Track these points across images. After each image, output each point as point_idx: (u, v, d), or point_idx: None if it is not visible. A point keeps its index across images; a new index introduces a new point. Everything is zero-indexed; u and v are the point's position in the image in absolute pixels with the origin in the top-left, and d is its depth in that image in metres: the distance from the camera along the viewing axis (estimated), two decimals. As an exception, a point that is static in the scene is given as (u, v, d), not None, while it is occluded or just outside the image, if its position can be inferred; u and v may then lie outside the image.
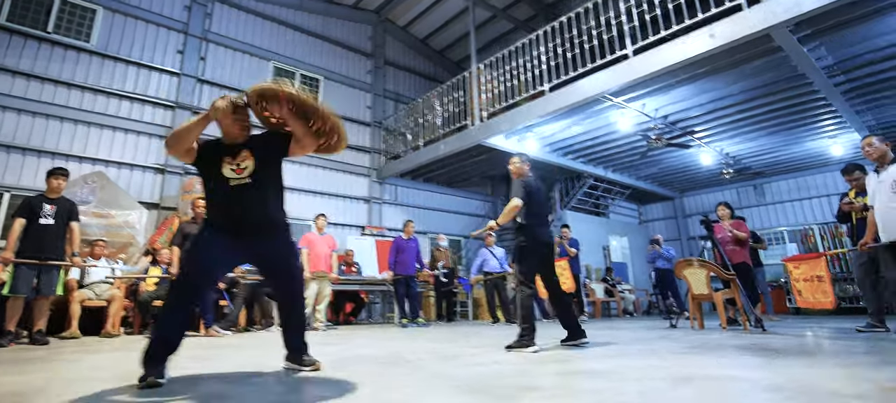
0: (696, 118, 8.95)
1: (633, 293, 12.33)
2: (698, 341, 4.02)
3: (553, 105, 7.94)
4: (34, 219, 4.82)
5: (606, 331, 5.57)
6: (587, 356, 3.10)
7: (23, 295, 4.68)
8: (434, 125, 10.09)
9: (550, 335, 4.77)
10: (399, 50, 12.60)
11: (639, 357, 2.99)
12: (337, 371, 2.53)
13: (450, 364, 2.77)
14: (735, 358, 2.83)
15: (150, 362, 2.19)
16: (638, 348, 3.55)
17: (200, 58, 8.96)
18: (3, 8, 7.18)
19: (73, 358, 3.37)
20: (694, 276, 5.86)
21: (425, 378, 2.29)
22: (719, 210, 6.56)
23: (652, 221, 15.39)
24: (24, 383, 2.25)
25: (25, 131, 7.10)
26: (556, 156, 10.53)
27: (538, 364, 2.76)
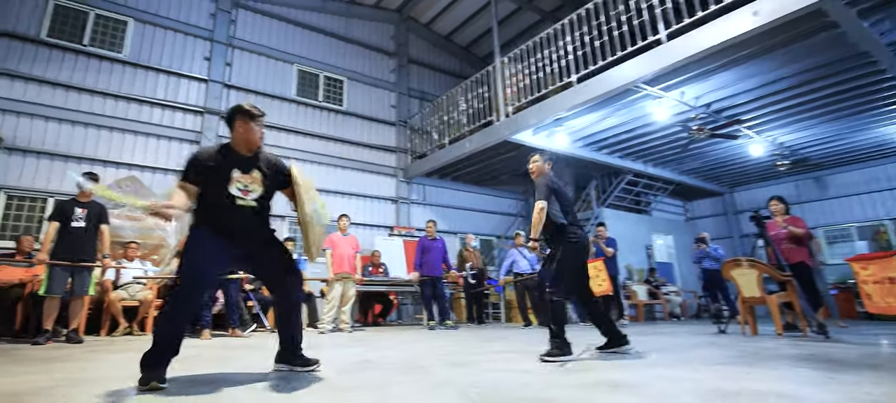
0: (742, 105, 8.33)
1: (679, 295, 11.61)
2: (748, 349, 3.69)
3: (581, 97, 7.56)
4: (67, 223, 5.01)
5: (646, 337, 5.22)
6: (617, 365, 2.87)
7: (58, 296, 4.85)
8: (459, 122, 9.86)
9: (588, 340, 4.52)
10: (423, 47, 12.49)
11: (675, 366, 2.76)
12: (342, 377, 2.51)
13: (463, 371, 2.65)
14: (787, 370, 2.54)
15: (151, 365, 2.19)
16: (676, 356, 3.29)
17: (226, 64, 9.17)
18: (43, 24, 7.59)
19: (96, 358, 3.43)
20: (744, 278, 5.41)
21: (430, 386, 2.19)
22: (772, 205, 6.06)
23: (699, 218, 14.53)
24: (32, 382, 2.29)
25: (65, 139, 7.46)
26: (590, 150, 10.06)
27: (560, 373, 2.57)
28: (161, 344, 2.26)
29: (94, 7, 8.04)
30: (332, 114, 10.42)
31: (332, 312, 6.78)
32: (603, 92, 7.26)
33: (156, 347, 2.25)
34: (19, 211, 7.00)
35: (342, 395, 2.05)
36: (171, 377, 2.31)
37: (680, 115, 8.57)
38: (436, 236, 7.90)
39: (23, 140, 7.14)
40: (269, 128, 9.32)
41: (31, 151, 7.17)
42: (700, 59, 6.24)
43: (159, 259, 7.09)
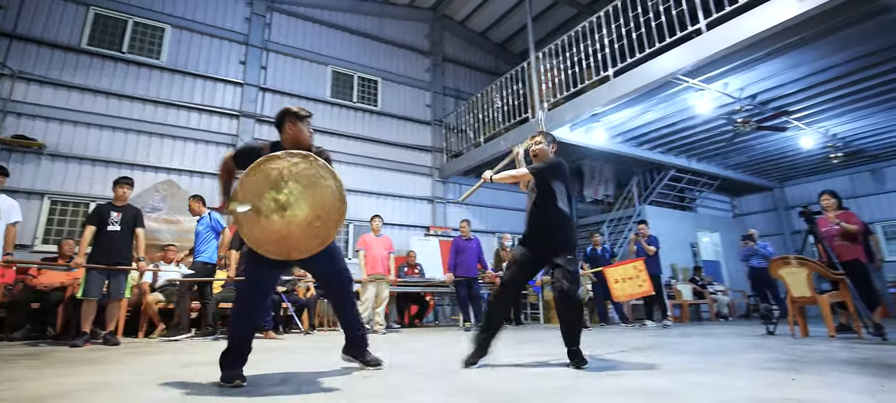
0: (790, 96, 8.16)
1: (726, 294, 11.41)
2: (795, 352, 3.53)
3: (618, 91, 7.55)
4: (103, 227, 5.14)
5: (688, 339, 5.09)
6: (652, 371, 2.74)
7: (95, 298, 5.00)
8: (495, 120, 9.97)
9: (627, 344, 4.50)
10: (458, 45, 12.61)
11: (711, 371, 2.64)
12: (362, 381, 2.48)
13: (489, 376, 2.62)
14: (835, 376, 2.40)
15: (230, 363, 2.37)
16: (715, 360, 3.15)
17: (261, 67, 9.50)
18: (83, 34, 8.05)
19: (124, 361, 3.50)
20: (792, 277, 5.28)
21: (450, 392, 2.15)
22: (823, 200, 5.87)
23: (748, 215, 14.23)
24: (54, 385, 2.35)
25: (106, 144, 7.88)
26: (630, 146, 10.01)
27: (587, 378, 2.50)
28: (239, 342, 2.46)
29: (133, 15, 8.47)
30: (367, 114, 10.65)
31: (366, 313, 6.94)
32: (641, 85, 7.21)
33: (234, 345, 2.44)
34: (62, 216, 7.41)
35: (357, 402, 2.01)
36: (192, 381, 2.44)
37: (724, 108, 8.46)
38: (470, 236, 7.93)
39: (65, 146, 7.58)
40: (304, 131, 9.73)
41: (73, 157, 7.60)
42: (742, 48, 6.11)
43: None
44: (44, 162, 7.44)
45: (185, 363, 3.34)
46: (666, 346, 4.28)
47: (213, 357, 2.44)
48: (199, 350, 4.31)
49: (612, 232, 11.38)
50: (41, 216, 7.31)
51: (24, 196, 7.22)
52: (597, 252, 8.75)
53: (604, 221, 11.68)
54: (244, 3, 9.68)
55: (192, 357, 3.67)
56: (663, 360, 3.21)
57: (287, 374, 2.74)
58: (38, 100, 7.57)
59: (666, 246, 11.03)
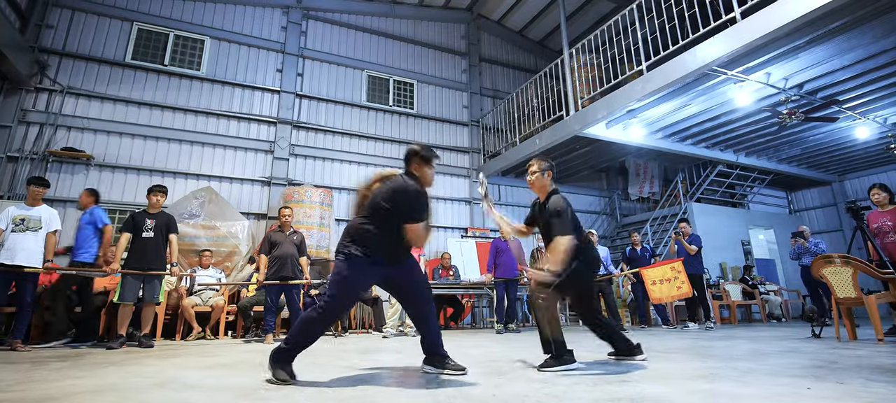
0: (840, 84, 8.17)
1: (779, 295, 11.39)
2: (831, 357, 3.45)
3: (652, 85, 7.71)
4: (138, 233, 5.56)
5: (725, 342, 5.08)
6: (657, 377, 2.74)
7: (130, 302, 5.39)
8: (532, 118, 10.33)
9: (657, 347, 4.60)
10: (495, 45, 13.02)
11: (724, 378, 2.62)
12: (338, 390, 2.50)
13: (485, 383, 2.66)
14: (856, 386, 2.32)
15: (285, 362, 2.72)
16: (737, 366, 3.10)
17: (298, 74, 10.17)
18: (128, 49, 8.90)
19: (149, 363, 3.70)
20: (836, 276, 5.19)
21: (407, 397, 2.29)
22: (873, 193, 5.85)
23: (805, 210, 14.13)
24: (66, 387, 2.56)
25: (150, 154, 8.63)
26: (671, 142, 10.19)
27: (585, 383, 2.58)
28: (299, 348, 2.79)
29: (174, 29, 9.27)
30: (404, 117, 11.19)
31: (395, 317, 7.33)
32: (675, 78, 7.28)
33: (294, 349, 2.77)
34: (120, 224, 8.12)
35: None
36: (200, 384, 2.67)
37: (768, 99, 8.53)
38: (510, 237, 8.19)
39: (111, 157, 8.36)
40: (340, 135, 10.33)
41: (119, 167, 8.36)
42: (781, 36, 6.14)
43: (232, 266, 7.91)
44: (92, 172, 8.21)
45: (214, 364, 3.59)
46: (695, 350, 4.29)
47: (237, 359, 2.74)
48: (221, 353, 4.56)
49: (657, 231, 11.57)
50: (91, 223, 8.10)
51: (74, 205, 7.85)
52: (636, 252, 8.91)
53: (647, 220, 11.88)
54: (280, 12, 10.38)
55: (220, 360, 3.90)
56: (680, 365, 3.23)
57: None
58: (86, 114, 8.37)
59: (714, 245, 11.18)
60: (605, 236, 12.82)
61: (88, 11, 8.78)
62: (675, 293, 7.81)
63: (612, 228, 13.06)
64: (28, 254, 5.17)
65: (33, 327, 5.88)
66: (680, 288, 7.75)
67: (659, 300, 8.06)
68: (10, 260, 5.07)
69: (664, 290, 7.91)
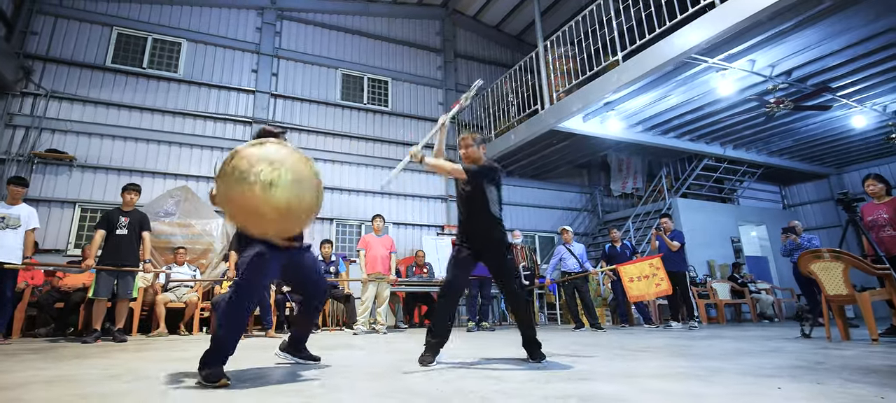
0: (832, 70, 6.92)
1: (771, 293, 9.97)
2: (815, 358, 2.94)
3: (629, 75, 6.68)
4: (112, 230, 5.21)
5: (704, 342, 4.36)
6: (616, 375, 2.38)
7: (104, 298, 5.09)
8: (507, 114, 9.23)
9: (628, 345, 3.96)
10: (471, 41, 11.90)
11: (691, 377, 2.28)
12: (299, 379, 2.41)
13: (434, 377, 2.40)
14: (833, 387, 1.96)
15: (215, 362, 2.27)
16: (707, 365, 2.68)
17: (272, 74, 9.28)
18: (108, 52, 8.20)
19: (115, 357, 3.47)
20: (826, 272, 4.47)
21: (378, 393, 2.00)
22: (868, 185, 4.99)
23: (801, 205, 12.52)
24: (24, 378, 2.42)
25: (129, 155, 7.95)
26: (653, 135, 8.94)
27: (539, 381, 2.24)
28: (229, 342, 2.39)
29: (152, 32, 8.53)
30: (378, 115, 10.23)
31: (366, 313, 6.56)
32: (652, 68, 6.35)
33: (222, 345, 2.35)
34: (92, 222, 7.48)
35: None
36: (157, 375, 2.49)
37: (753, 88, 7.31)
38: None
39: (93, 158, 7.70)
40: (314, 133, 9.43)
41: (100, 167, 7.70)
42: (765, 19, 5.23)
43: (207, 263, 7.25)
44: (75, 173, 7.59)
45: (176, 358, 3.34)
46: (670, 349, 3.73)
47: (200, 354, 2.30)
48: (189, 348, 4.16)
49: (639, 228, 10.27)
50: (73, 223, 7.45)
51: (58, 205, 7.43)
52: (616, 249, 7.84)
53: (630, 216, 10.56)
54: (255, 13, 9.53)
55: (184, 354, 3.58)
56: (647, 364, 2.81)
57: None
58: (68, 116, 7.74)
59: (701, 242, 9.87)
60: (587, 233, 11.56)
61: (70, 18, 8.12)
62: (653, 290, 6.78)
63: (594, 225, 11.74)
64: (7, 251, 4.90)
65: (16, 321, 5.58)
66: (659, 285, 6.70)
67: (637, 298, 7.01)
68: None
69: (642, 287, 6.89)
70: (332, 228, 9.07)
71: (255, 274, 2.52)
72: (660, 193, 10.61)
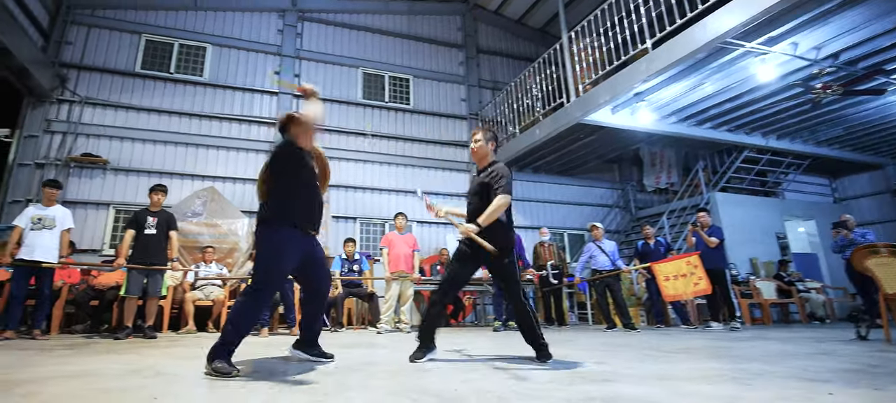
0: (886, 51, 6.43)
1: (822, 292, 9.37)
2: (874, 361, 2.72)
3: (658, 63, 6.35)
4: (140, 230, 5.39)
5: (747, 343, 4.07)
6: (646, 378, 2.24)
7: (135, 296, 5.27)
8: (532, 108, 9.02)
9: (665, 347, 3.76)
10: (493, 35, 11.72)
11: (730, 380, 2.11)
12: (315, 375, 2.42)
13: (450, 376, 2.36)
14: (879, 392, 1.81)
15: (224, 355, 2.38)
16: (749, 368, 2.48)
17: (295, 75, 9.38)
18: (137, 59, 8.52)
19: (141, 352, 3.57)
20: (884, 269, 4.19)
21: (391, 391, 1.96)
22: None
23: (853, 199, 11.73)
24: (48, 372, 2.50)
25: (159, 157, 8.21)
26: (687, 126, 8.54)
27: (561, 382, 2.14)
28: (237, 336, 2.49)
29: (178, 38, 8.80)
30: (399, 113, 10.20)
31: (389, 312, 6.50)
32: (683, 55, 5.99)
33: (232, 339, 2.45)
34: (124, 223, 7.76)
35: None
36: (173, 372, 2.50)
37: (797, 73, 6.88)
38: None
39: (125, 161, 7.97)
40: (336, 133, 9.48)
41: (132, 170, 7.96)
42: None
43: (233, 262, 7.38)
44: (108, 176, 7.90)
45: (199, 355, 3.30)
46: (708, 350, 3.51)
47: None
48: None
49: (675, 224, 9.86)
50: (108, 223, 7.74)
51: (93, 206, 7.73)
52: (650, 246, 7.53)
53: (664, 212, 10.15)
54: (277, 15, 9.68)
55: (203, 352, 3.67)
56: (682, 366, 2.63)
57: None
58: (102, 122, 8.06)
59: (744, 238, 9.39)
60: (619, 230, 11.14)
61: (102, 27, 8.46)
62: (691, 289, 6.44)
63: (627, 222, 11.33)
64: (44, 251, 5.16)
65: (55, 317, 5.83)
66: (697, 284, 6.35)
67: (673, 297, 6.71)
68: (29, 256, 5.08)
69: (678, 286, 6.56)
70: (357, 227, 9.09)
71: (276, 260, 2.59)
72: (696, 188, 10.15)
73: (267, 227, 2.63)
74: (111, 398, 1.85)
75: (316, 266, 2.92)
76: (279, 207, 2.68)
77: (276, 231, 2.62)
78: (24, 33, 7.11)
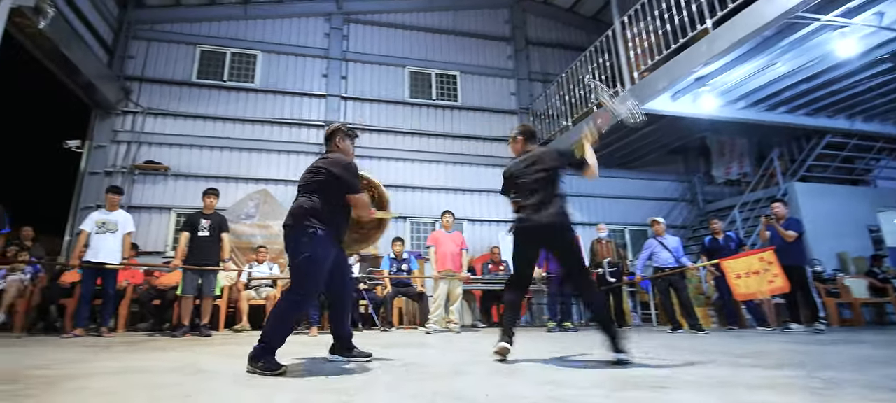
0: None
1: (925, 291, 8.64)
2: None
3: (721, 44, 6.13)
4: (194, 233, 5.77)
5: (830, 348, 3.78)
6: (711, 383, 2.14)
7: (191, 295, 5.67)
8: (584, 99, 8.90)
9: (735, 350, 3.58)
10: (542, 26, 11.71)
11: (803, 390, 1.96)
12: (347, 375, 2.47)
13: (490, 379, 2.35)
14: None
15: (269, 356, 2.55)
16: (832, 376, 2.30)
17: (342, 77, 9.86)
18: (193, 69, 9.27)
19: (191, 350, 3.80)
20: None
21: (412, 394, 1.94)
22: None
23: (963, 186, 10.73)
24: (98, 367, 2.70)
25: (215, 162, 8.86)
26: (757, 111, 8.14)
27: (611, 390, 2.02)
28: (280, 337, 2.66)
29: (230, 47, 9.50)
30: (447, 110, 10.41)
31: (438, 311, 6.56)
32: (749, 33, 5.73)
33: (277, 340, 2.63)
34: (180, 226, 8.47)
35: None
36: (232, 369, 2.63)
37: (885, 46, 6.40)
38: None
39: (184, 167, 8.63)
40: (384, 133, 9.82)
41: (191, 175, 8.59)
42: None
43: (285, 262, 7.81)
44: (169, 181, 8.56)
45: (238, 353, 3.49)
46: (783, 355, 3.30)
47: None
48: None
49: (747, 217, 9.39)
50: (169, 227, 8.38)
51: (156, 211, 8.40)
52: (718, 241, 7.23)
53: (736, 205, 9.69)
54: (323, 19, 10.20)
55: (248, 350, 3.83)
56: (747, 372, 2.44)
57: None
58: (162, 130, 8.76)
59: (830, 232, 8.85)
60: (686, 225, 10.76)
61: (161, 40, 9.25)
62: (765, 287, 6.08)
63: (694, 216, 10.91)
64: (108, 253, 5.62)
65: (121, 316, 6.43)
66: (772, 281, 5.99)
67: (745, 296, 6.40)
68: (94, 258, 5.55)
69: (751, 284, 6.21)
70: (406, 226, 9.36)
71: (320, 268, 2.77)
72: (772, 178, 9.63)
73: (315, 237, 2.74)
74: (148, 394, 1.98)
75: (340, 272, 3.10)
76: (330, 220, 2.83)
77: (322, 241, 2.75)
78: (91, 51, 7.83)
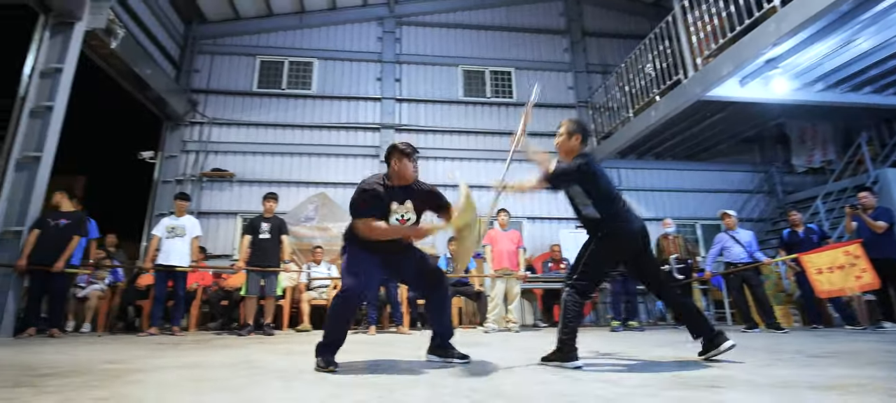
0: None
1: None
2: None
3: (791, 22, 5.92)
4: (256, 235, 6.16)
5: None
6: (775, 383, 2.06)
7: (254, 296, 6.07)
8: (645, 88, 8.81)
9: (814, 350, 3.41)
10: (599, 16, 11.70)
11: (878, 392, 1.83)
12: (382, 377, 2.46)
13: (531, 376, 2.36)
14: None
15: (326, 353, 2.72)
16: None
17: (396, 79, 10.32)
18: (254, 79, 10.01)
19: (250, 348, 4.01)
20: None
21: (456, 391, 1.96)
22: None
23: None
24: (161, 363, 2.93)
25: (277, 167, 9.51)
26: (838, 92, 7.78)
27: (659, 388, 1.98)
28: (334, 339, 2.80)
29: (288, 56, 10.19)
30: (502, 107, 10.61)
31: (496, 310, 6.70)
32: (823, 7, 5.51)
33: (330, 341, 2.78)
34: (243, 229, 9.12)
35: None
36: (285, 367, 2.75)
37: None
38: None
39: (248, 173, 9.31)
40: (441, 133, 10.14)
41: (254, 181, 9.25)
42: None
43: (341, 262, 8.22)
44: (234, 187, 9.25)
45: (294, 352, 3.70)
46: (867, 355, 3.08)
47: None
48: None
49: (832, 208, 8.94)
50: (236, 231, 9.02)
51: (224, 216, 9.09)
52: (798, 234, 6.92)
53: (819, 195, 9.24)
54: (376, 23, 10.72)
55: (305, 348, 3.90)
56: (819, 373, 2.34)
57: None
58: (227, 139, 9.48)
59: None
60: (764, 218, 10.36)
61: (223, 53, 10.06)
62: (852, 283, 5.82)
63: (772, 208, 10.48)
64: (178, 256, 6.15)
65: (192, 316, 7.04)
66: (860, 277, 5.74)
67: (829, 292, 6.13)
68: (165, 261, 6.08)
69: (835, 280, 5.97)
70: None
71: (356, 277, 2.85)
72: (860, 165, 9.12)
73: (346, 252, 2.97)
74: (196, 385, 2.14)
75: (406, 270, 3.11)
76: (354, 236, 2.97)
77: (355, 256, 2.92)
78: (159, 67, 8.58)
